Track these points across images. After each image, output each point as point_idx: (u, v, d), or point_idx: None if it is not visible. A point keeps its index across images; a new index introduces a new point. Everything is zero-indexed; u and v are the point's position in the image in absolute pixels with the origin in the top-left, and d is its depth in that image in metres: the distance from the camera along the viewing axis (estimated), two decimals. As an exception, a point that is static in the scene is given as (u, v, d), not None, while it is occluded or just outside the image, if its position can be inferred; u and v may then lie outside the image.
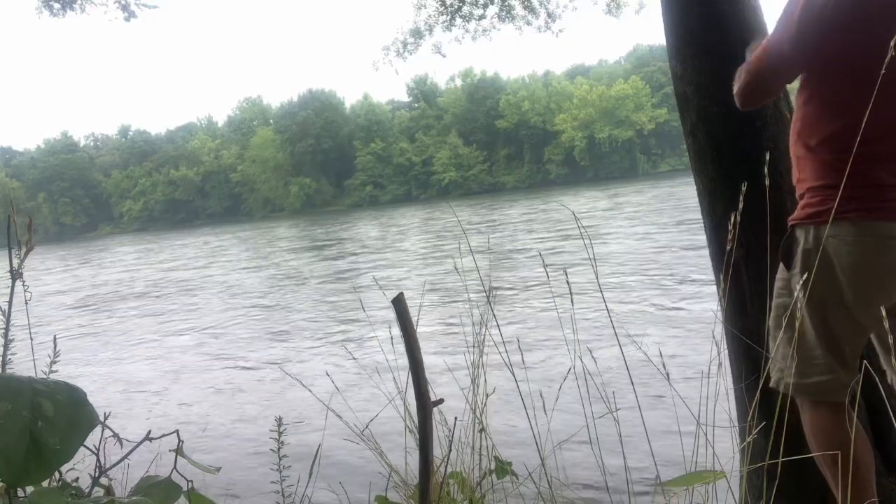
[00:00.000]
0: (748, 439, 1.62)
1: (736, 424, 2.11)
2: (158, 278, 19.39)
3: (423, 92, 79.03)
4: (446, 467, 2.05)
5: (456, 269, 2.45)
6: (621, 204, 26.35)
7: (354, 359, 4.26)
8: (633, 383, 1.80)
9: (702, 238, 2.44)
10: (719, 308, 2.04)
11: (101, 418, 0.93)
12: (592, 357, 2.03)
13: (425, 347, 1.69)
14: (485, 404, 2.25)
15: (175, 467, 1.04)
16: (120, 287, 18.23)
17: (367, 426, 2.33)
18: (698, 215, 2.37)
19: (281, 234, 37.77)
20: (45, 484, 0.93)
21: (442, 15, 8.27)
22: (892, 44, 1.38)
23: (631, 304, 7.98)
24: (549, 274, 2.11)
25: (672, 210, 20.43)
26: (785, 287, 1.80)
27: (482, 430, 2.20)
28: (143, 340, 9.69)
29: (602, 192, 37.11)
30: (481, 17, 8.31)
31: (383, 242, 23.15)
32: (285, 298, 12.39)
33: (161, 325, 10.98)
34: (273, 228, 45.58)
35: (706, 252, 2.36)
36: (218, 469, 1.10)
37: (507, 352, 2.19)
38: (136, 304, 14.07)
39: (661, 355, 1.75)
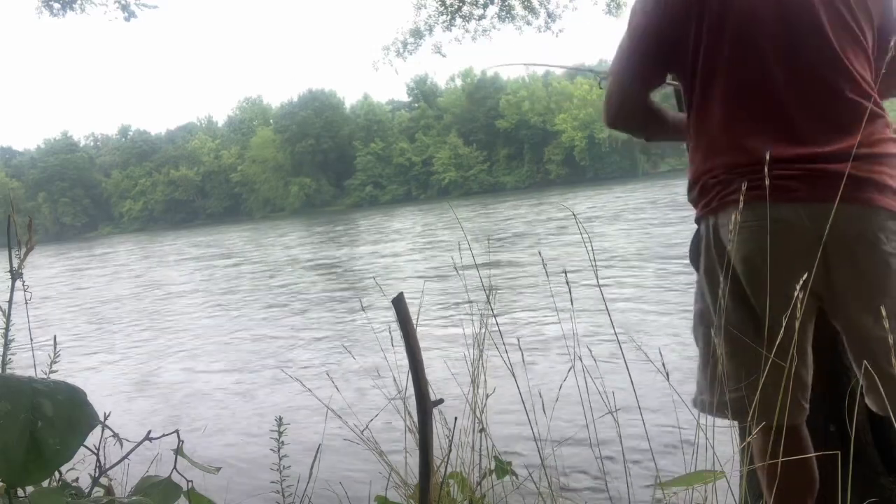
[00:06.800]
0: (748, 439, 1.61)
1: (736, 424, 2.10)
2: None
3: (423, 92, 79.05)
4: (446, 467, 2.05)
5: (455, 269, 2.45)
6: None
7: (354, 359, 4.26)
8: (632, 383, 1.80)
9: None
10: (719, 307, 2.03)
11: (101, 418, 0.93)
12: (592, 357, 2.02)
13: (425, 347, 1.69)
14: (485, 404, 2.24)
15: (175, 467, 1.04)
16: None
17: (366, 426, 2.33)
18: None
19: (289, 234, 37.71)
20: (45, 484, 0.93)
21: (442, 15, 8.28)
22: (892, 43, 1.35)
23: (631, 302, 7.98)
24: (549, 273, 2.11)
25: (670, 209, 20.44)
26: (700, 291, 1.64)
27: (482, 430, 2.19)
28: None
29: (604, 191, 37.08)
30: (481, 17, 8.32)
31: (383, 241, 23.15)
32: (284, 300, 12.39)
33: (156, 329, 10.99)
34: (278, 228, 45.55)
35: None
36: (218, 469, 1.10)
37: (506, 351, 2.19)
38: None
39: (661, 355, 1.75)
